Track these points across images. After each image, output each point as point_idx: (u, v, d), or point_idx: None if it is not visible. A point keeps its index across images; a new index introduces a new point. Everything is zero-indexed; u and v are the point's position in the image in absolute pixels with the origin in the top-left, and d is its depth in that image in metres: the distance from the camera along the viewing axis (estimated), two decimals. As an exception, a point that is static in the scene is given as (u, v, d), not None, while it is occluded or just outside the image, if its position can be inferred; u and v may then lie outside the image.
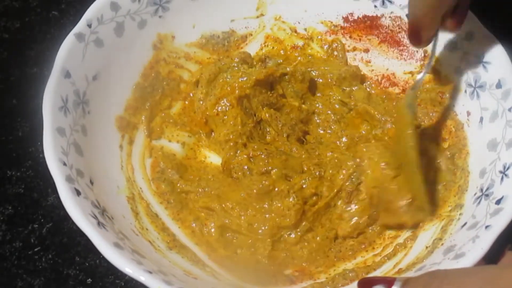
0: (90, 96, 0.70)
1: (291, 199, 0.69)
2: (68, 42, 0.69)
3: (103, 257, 0.72)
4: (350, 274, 0.65)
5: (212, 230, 0.69)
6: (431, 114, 0.76)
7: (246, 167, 0.72)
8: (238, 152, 0.73)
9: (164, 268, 0.60)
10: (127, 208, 0.68)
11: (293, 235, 0.69)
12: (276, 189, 0.70)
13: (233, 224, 0.69)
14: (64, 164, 0.62)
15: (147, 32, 0.77)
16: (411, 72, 0.79)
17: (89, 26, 0.71)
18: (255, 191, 0.70)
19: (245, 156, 0.72)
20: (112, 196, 0.67)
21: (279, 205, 0.69)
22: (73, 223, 0.74)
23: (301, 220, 0.70)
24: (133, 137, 0.75)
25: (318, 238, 0.71)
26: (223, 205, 0.70)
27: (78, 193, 0.60)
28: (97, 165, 0.68)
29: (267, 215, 0.69)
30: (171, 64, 0.79)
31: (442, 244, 0.63)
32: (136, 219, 0.67)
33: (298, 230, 0.70)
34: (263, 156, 0.72)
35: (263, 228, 0.68)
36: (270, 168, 0.71)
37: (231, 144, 0.73)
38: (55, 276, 0.73)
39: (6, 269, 0.73)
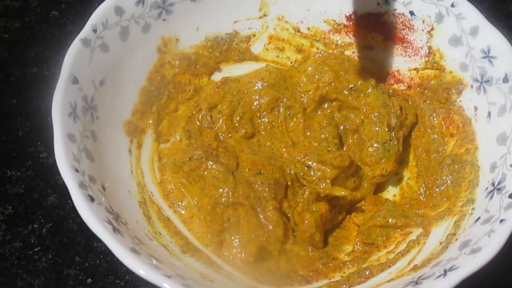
0: (98, 101, 0.70)
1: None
2: (74, 47, 0.69)
3: (103, 257, 0.73)
4: (366, 272, 0.65)
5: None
6: (438, 110, 0.76)
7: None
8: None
9: (181, 272, 0.59)
10: (140, 213, 0.67)
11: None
12: None
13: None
14: (77, 170, 0.61)
15: (151, 35, 0.77)
16: (416, 69, 0.79)
17: (95, 31, 0.71)
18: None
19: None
20: (124, 201, 0.67)
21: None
22: (73, 223, 0.75)
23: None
24: (141, 141, 0.75)
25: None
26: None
27: (92, 199, 0.60)
28: (108, 170, 0.67)
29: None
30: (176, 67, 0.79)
31: (457, 239, 0.64)
32: (149, 224, 0.67)
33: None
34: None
35: None
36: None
37: None
38: (55, 276, 0.72)
39: (6, 269, 0.72)
